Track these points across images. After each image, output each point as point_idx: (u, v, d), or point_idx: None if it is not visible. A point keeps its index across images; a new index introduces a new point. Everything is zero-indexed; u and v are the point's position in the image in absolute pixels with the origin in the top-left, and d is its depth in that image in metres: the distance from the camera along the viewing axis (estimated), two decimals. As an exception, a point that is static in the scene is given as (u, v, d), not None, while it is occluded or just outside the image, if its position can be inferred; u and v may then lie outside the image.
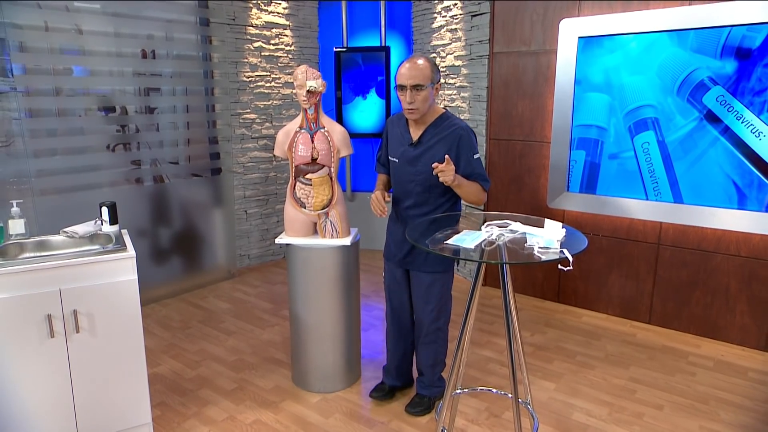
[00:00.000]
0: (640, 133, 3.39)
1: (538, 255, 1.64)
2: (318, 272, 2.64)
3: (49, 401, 2.13)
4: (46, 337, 2.08)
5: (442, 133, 2.31)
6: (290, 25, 4.75)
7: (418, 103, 2.22)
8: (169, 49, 4.01)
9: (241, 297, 4.12)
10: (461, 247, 1.72)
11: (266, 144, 4.71)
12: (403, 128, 2.40)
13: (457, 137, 2.28)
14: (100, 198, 3.29)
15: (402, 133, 2.40)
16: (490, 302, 3.95)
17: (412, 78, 2.19)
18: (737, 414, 2.60)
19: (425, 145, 2.32)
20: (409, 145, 2.36)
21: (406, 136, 2.38)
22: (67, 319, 2.10)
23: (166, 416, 2.59)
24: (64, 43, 3.49)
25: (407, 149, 2.36)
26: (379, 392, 2.71)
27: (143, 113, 3.89)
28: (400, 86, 2.23)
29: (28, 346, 2.06)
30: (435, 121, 2.34)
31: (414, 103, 2.22)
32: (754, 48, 2.96)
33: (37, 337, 2.06)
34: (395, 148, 2.42)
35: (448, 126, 2.32)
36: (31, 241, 2.34)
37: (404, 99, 2.23)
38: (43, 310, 2.06)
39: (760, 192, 3.04)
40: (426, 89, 2.21)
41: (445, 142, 2.29)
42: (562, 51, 3.59)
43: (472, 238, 1.77)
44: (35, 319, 2.05)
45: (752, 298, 3.23)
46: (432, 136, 2.32)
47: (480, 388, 2.73)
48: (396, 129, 2.44)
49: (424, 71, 2.20)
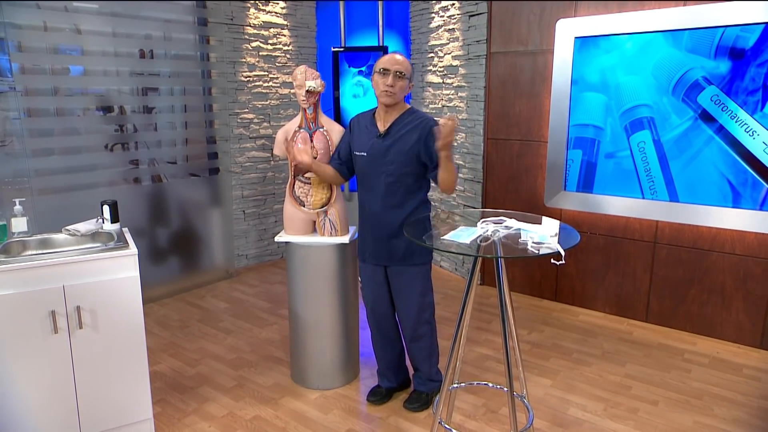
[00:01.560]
0: (636, 133, 3.47)
1: (532, 250, 1.72)
2: (317, 270, 2.72)
3: (51, 396, 2.20)
4: (49, 333, 2.15)
5: (411, 124, 2.40)
6: (288, 24, 4.83)
7: (396, 88, 2.34)
8: (167, 48, 4.09)
9: (240, 296, 4.19)
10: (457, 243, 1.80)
11: (264, 144, 4.79)
12: (369, 122, 2.49)
13: (428, 128, 2.36)
14: (98, 197, 3.35)
15: (368, 126, 2.48)
16: (487, 301, 4.03)
17: (397, 64, 2.33)
18: (731, 409, 2.69)
19: (394, 136, 2.40)
20: (377, 137, 2.43)
21: (373, 130, 2.45)
22: (71, 316, 2.17)
23: (167, 413, 2.66)
24: (63, 43, 3.56)
25: (375, 141, 2.43)
26: (376, 396, 2.74)
27: (141, 113, 3.96)
28: (383, 70, 2.33)
29: (31, 341, 2.13)
30: (403, 114, 2.43)
31: (393, 87, 2.33)
32: (748, 48, 3.04)
33: (41, 333, 2.14)
34: (362, 143, 2.48)
35: (417, 118, 2.42)
36: (33, 239, 2.41)
37: (384, 82, 2.33)
38: (47, 307, 2.13)
39: (755, 190, 3.13)
40: (405, 79, 2.35)
41: (415, 132, 2.38)
42: (558, 51, 3.67)
43: (468, 234, 1.85)
44: (39, 315, 2.12)
45: (747, 295, 3.31)
46: (401, 127, 2.41)
47: (477, 383, 2.81)
48: (361, 124, 2.52)
49: (406, 64, 2.36)
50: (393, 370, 2.77)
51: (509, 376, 1.91)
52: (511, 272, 4.21)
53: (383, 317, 2.65)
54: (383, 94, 2.36)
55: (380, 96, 2.38)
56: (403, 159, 2.39)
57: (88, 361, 2.24)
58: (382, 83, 2.34)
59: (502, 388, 2.58)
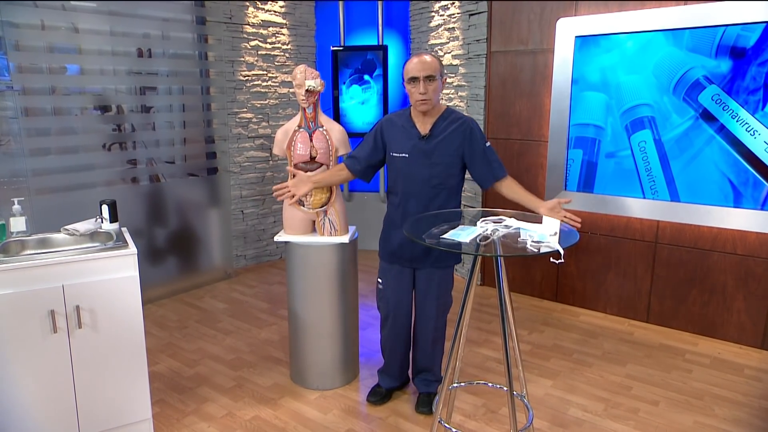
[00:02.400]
0: (636, 132, 3.50)
1: (531, 248, 1.75)
2: (316, 270, 2.75)
3: (50, 396, 2.22)
4: (49, 332, 2.17)
5: (452, 125, 2.41)
6: (287, 23, 4.86)
7: (430, 93, 2.31)
8: (165, 47, 4.12)
9: (238, 297, 4.21)
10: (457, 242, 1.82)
11: (263, 143, 4.82)
12: (406, 123, 2.45)
13: (469, 128, 2.40)
14: (95, 197, 3.38)
15: (407, 128, 2.44)
16: (488, 302, 4.06)
17: (425, 69, 2.29)
18: (731, 409, 2.71)
19: (438, 138, 2.40)
20: (420, 139, 2.41)
21: (413, 131, 2.43)
22: (70, 315, 2.20)
23: (165, 413, 2.69)
24: (61, 42, 3.59)
25: (418, 143, 2.41)
26: (376, 396, 2.76)
27: (139, 112, 3.99)
28: (412, 78, 2.31)
29: (30, 341, 2.15)
30: (443, 114, 2.43)
31: (427, 94, 2.30)
32: (749, 47, 3.08)
33: (40, 332, 2.16)
34: (401, 144, 2.44)
35: (456, 118, 2.43)
36: (32, 239, 2.43)
37: (417, 90, 2.31)
38: (46, 306, 2.15)
39: (756, 190, 3.16)
40: (437, 80, 2.32)
41: (457, 134, 2.40)
42: (559, 50, 3.70)
43: (468, 233, 1.87)
44: (38, 314, 2.15)
45: (749, 295, 3.34)
46: (443, 128, 2.41)
47: (476, 382, 2.83)
48: (396, 125, 2.47)
49: (433, 64, 2.32)
50: (399, 369, 2.78)
51: (509, 375, 1.93)
52: (512, 272, 4.24)
53: (403, 318, 2.63)
54: (419, 104, 2.34)
55: (417, 106, 2.36)
56: (448, 160, 2.41)
57: (87, 360, 2.26)
58: (416, 92, 2.32)
59: (502, 387, 2.61)
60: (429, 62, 2.30)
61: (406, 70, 2.35)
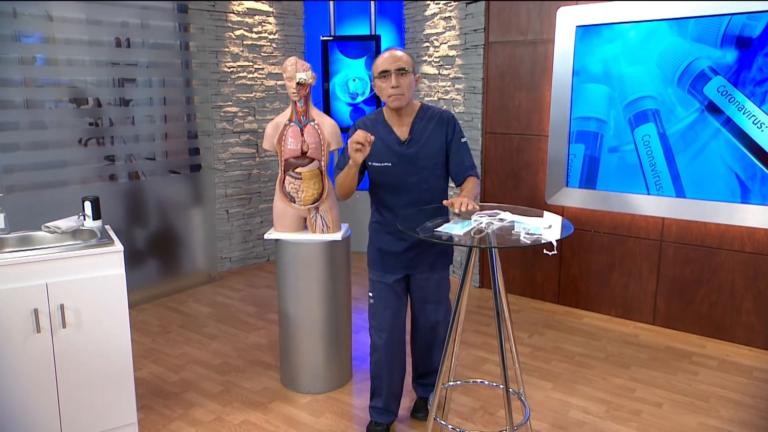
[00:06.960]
0: (640, 126, 3.67)
1: (524, 240, 1.90)
2: (308, 268, 2.89)
3: (32, 398, 2.34)
4: (32, 332, 2.29)
5: (430, 124, 2.46)
6: (274, 12, 4.99)
7: (403, 88, 2.32)
8: (144, 37, 4.24)
9: (224, 301, 4.35)
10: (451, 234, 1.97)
11: (249, 139, 4.95)
12: (382, 128, 2.45)
13: (446, 120, 2.46)
14: (71, 195, 3.49)
15: (383, 133, 2.44)
16: (486, 304, 4.22)
17: (396, 62, 2.31)
18: (737, 411, 2.87)
19: (419, 140, 2.44)
20: (400, 145, 2.43)
21: (391, 136, 2.44)
22: (54, 314, 2.32)
23: (151, 418, 2.81)
24: (33, 30, 3.68)
25: (399, 149, 2.43)
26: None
27: (117, 105, 4.11)
28: (382, 72, 2.32)
29: (13, 341, 2.27)
30: (418, 113, 2.46)
31: (399, 88, 2.31)
32: (755, 37, 3.25)
33: (23, 332, 2.28)
34: (384, 153, 2.43)
35: (433, 115, 2.47)
36: (12, 237, 2.56)
37: (387, 85, 2.32)
38: (29, 305, 2.28)
39: (764, 185, 3.32)
40: (410, 74, 2.34)
41: (437, 130, 2.45)
42: (559, 40, 3.87)
43: (462, 226, 2.02)
44: (21, 313, 2.27)
45: (758, 295, 3.50)
46: (422, 128, 2.45)
47: (472, 381, 2.98)
48: (374, 132, 2.36)
49: (405, 58, 2.34)
50: (398, 396, 2.70)
51: (503, 367, 2.08)
52: (512, 274, 4.40)
53: (399, 332, 2.61)
54: (391, 99, 2.35)
55: (389, 102, 2.37)
56: (435, 161, 2.45)
57: (71, 361, 2.38)
58: (386, 87, 2.34)
59: (498, 385, 2.75)
60: (401, 56, 2.34)
61: (375, 65, 2.37)
